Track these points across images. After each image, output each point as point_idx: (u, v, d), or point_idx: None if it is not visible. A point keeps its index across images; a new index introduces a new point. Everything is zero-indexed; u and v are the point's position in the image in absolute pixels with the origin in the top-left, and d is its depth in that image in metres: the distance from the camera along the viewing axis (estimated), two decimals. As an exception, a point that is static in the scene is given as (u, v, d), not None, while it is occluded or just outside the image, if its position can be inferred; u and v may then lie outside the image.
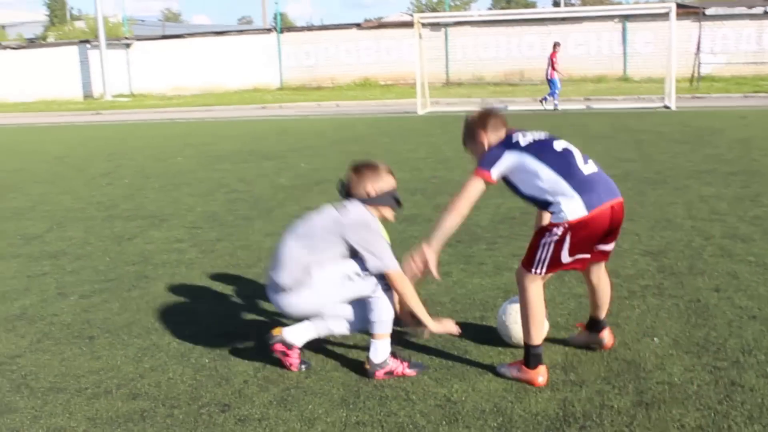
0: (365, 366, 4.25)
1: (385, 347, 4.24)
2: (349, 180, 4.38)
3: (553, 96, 23.23)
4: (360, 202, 4.30)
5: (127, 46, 40.85)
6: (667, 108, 21.56)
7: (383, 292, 4.21)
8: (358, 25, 38.76)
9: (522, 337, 4.25)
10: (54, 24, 79.47)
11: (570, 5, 64.72)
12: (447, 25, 36.51)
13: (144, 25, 64.32)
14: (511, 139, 4.20)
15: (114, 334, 5.09)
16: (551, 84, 23.19)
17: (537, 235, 4.06)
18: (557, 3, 64.46)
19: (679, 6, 28.20)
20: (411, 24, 26.33)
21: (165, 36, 43.58)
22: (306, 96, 33.76)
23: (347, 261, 4.20)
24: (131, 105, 34.10)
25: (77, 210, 9.52)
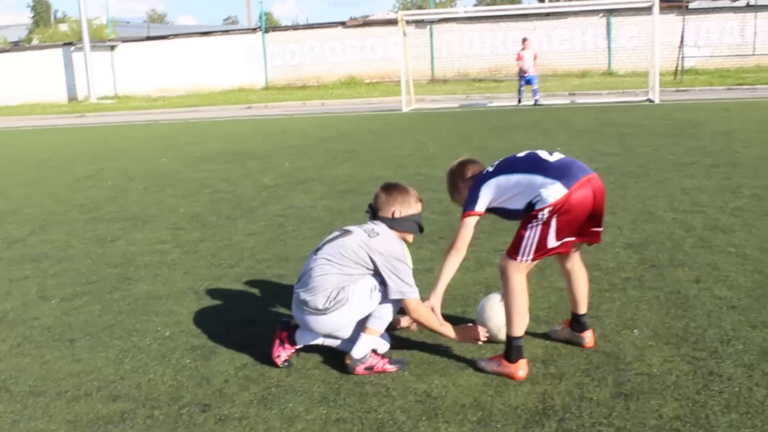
0: (346, 361, 4.26)
1: (369, 344, 4.25)
2: (378, 199, 4.49)
3: (520, 91, 23.25)
4: (385, 223, 4.40)
5: (112, 47, 40.67)
6: (651, 101, 21.62)
7: (399, 294, 4.29)
8: (343, 24, 38.71)
9: (501, 333, 4.28)
10: (38, 26, 79.10)
11: (554, 0, 64.79)
12: (432, 22, 36.48)
13: (129, 27, 64.03)
14: (482, 174, 4.37)
15: (95, 336, 5.07)
16: (532, 80, 23.05)
17: (522, 224, 4.11)
18: (542, -1, 64.44)
19: (663, 0, 28.30)
20: (396, 22, 26.30)
21: (150, 37, 43.41)
22: (291, 95, 33.72)
23: (373, 273, 4.26)
24: (116, 107, 33.98)
25: (60, 213, 9.48)
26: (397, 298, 4.24)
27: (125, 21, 67.95)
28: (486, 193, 4.23)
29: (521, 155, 4.32)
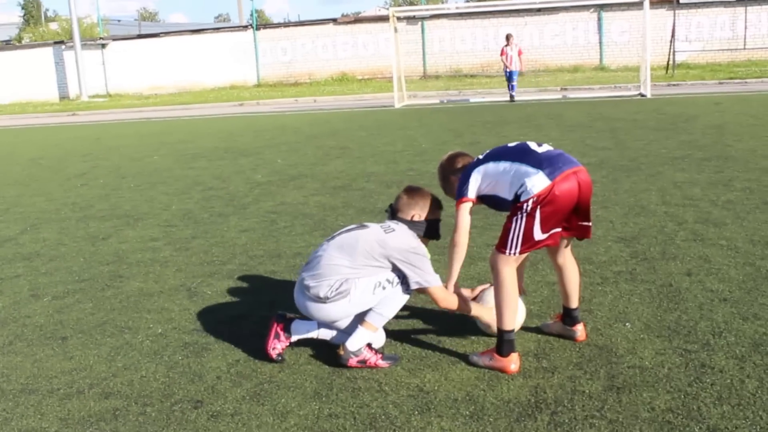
0: (339, 351, 4.25)
1: (365, 337, 4.25)
2: (399, 201, 4.50)
3: (513, 87, 23.25)
4: (405, 224, 4.42)
5: (103, 46, 40.55)
6: (643, 96, 21.65)
7: (402, 294, 4.30)
8: (334, 21, 38.66)
9: (494, 325, 4.28)
10: (29, 25, 78.84)
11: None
12: (423, 19, 36.48)
13: (120, 25, 63.87)
14: (472, 162, 4.42)
15: (87, 334, 5.06)
16: (513, 75, 23.06)
17: (508, 217, 4.13)
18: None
19: (653, -6, 28.37)
20: (387, 18, 26.30)
21: (141, 35, 43.29)
22: (283, 92, 33.67)
23: (382, 270, 4.26)
24: (107, 105, 33.89)
25: (51, 211, 9.46)
26: (420, 287, 4.28)
27: (116, 19, 67.77)
28: (475, 179, 4.27)
29: (511, 145, 4.36)
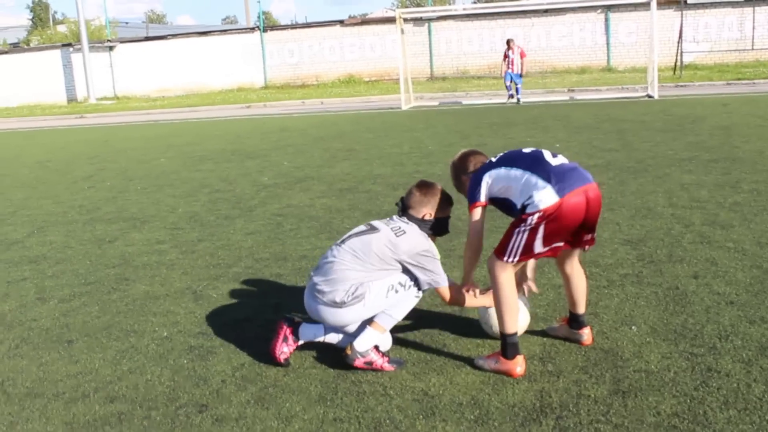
0: (346, 351, 4.23)
1: (373, 339, 4.25)
2: (412, 197, 4.44)
3: (515, 89, 23.08)
4: (415, 223, 4.38)
5: (111, 48, 40.64)
6: (650, 97, 21.60)
7: (414, 296, 4.32)
8: (341, 22, 38.68)
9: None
10: (37, 28, 79.13)
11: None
12: (430, 20, 36.46)
13: (128, 28, 64.00)
14: (484, 164, 4.33)
15: (93, 337, 5.06)
16: (515, 77, 22.97)
17: (512, 225, 4.07)
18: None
19: (661, -5, 28.30)
20: (394, 20, 26.29)
21: (148, 38, 43.38)
22: (290, 94, 33.70)
23: (394, 272, 4.27)
24: (115, 108, 33.97)
25: (58, 214, 9.48)
26: (430, 287, 4.32)
27: (124, 22, 67.95)
28: (487, 183, 4.20)
29: (526, 151, 4.27)
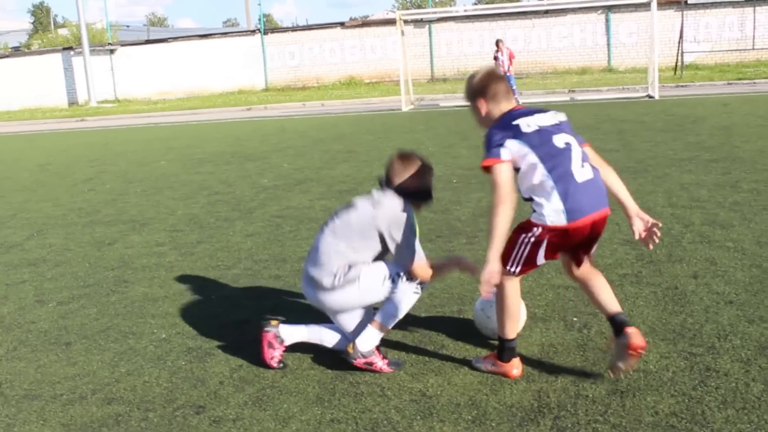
0: (347, 349, 4.20)
1: (375, 339, 4.23)
2: (392, 168, 4.34)
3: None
4: (396, 193, 4.28)
5: (112, 51, 40.68)
6: (651, 97, 21.58)
7: (413, 293, 4.27)
8: (342, 24, 38.71)
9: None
10: (38, 32, 79.28)
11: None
12: (431, 22, 36.49)
13: (129, 31, 64.16)
14: (513, 122, 3.85)
15: (91, 339, 5.06)
16: (509, 80, 22.77)
17: (516, 231, 3.89)
18: (541, -4, 64.46)
19: (661, -5, 28.30)
20: (395, 22, 26.30)
21: (149, 41, 43.43)
22: (291, 97, 33.71)
23: (389, 262, 4.25)
24: (116, 111, 33.98)
25: (58, 217, 9.48)
26: (401, 262, 4.20)
27: (125, 25, 68.10)
28: (510, 149, 3.78)
29: (558, 145, 3.81)
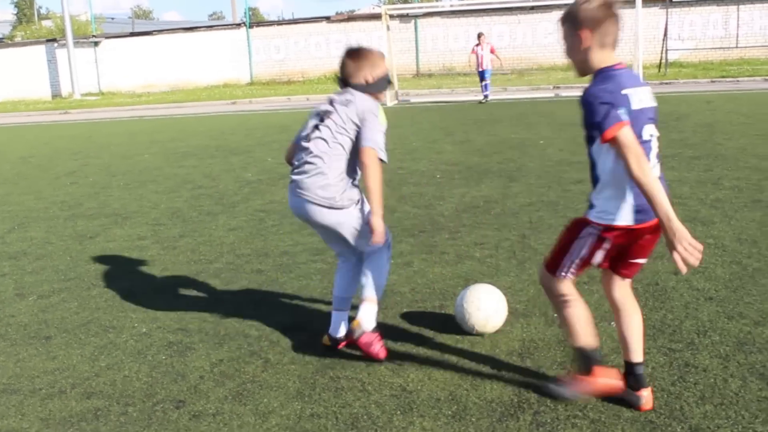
0: (353, 326, 4.18)
1: (374, 312, 4.25)
2: (347, 68, 4.36)
3: (486, 87, 22.44)
4: (359, 90, 4.31)
5: (96, 44, 40.41)
6: (635, 94, 21.61)
7: (386, 261, 4.35)
8: (327, 19, 38.61)
9: (479, 323, 4.29)
10: (22, 23, 78.73)
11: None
12: (417, 17, 36.47)
13: (114, 23, 63.88)
14: (623, 91, 3.25)
15: (71, 333, 5.03)
16: (485, 74, 22.24)
17: (569, 232, 3.49)
18: (527, -8, 64.57)
19: (646, -7, 28.38)
20: (381, 16, 26.26)
21: (133, 33, 43.18)
22: (276, 91, 33.62)
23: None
24: (100, 103, 33.78)
25: (40, 210, 9.42)
26: (365, 145, 4.10)
27: (110, 17, 67.72)
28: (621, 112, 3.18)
29: (644, 136, 3.32)
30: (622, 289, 3.62)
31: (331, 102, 4.34)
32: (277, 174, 10.98)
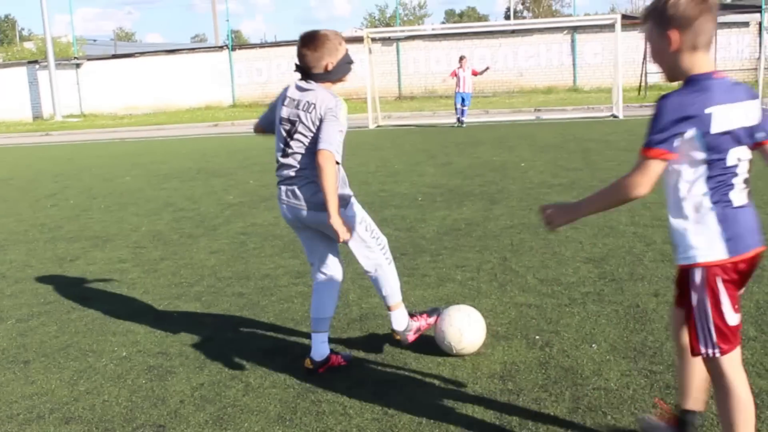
0: (395, 338, 4.53)
1: (404, 313, 4.53)
2: (306, 58, 4.24)
3: (459, 111, 22.01)
4: (320, 80, 4.25)
5: (78, 66, 40.35)
6: (615, 117, 21.83)
7: (393, 269, 4.50)
8: (309, 41, 38.68)
9: (455, 340, 4.34)
10: (3, 45, 78.46)
11: (521, 18, 65.52)
12: (399, 40, 36.67)
13: (96, 45, 63.70)
14: (706, 110, 2.74)
15: (50, 357, 4.99)
16: (466, 98, 21.91)
17: (685, 296, 2.96)
18: (508, 16, 65.16)
19: (625, 17, 28.71)
20: (363, 39, 26.38)
21: (116, 55, 43.16)
22: (258, 113, 33.25)
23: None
24: (82, 125, 33.65)
25: (20, 233, 9.35)
26: (321, 148, 4.08)
27: (92, 39, 67.56)
28: (683, 142, 2.78)
29: (731, 162, 2.80)
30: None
31: (297, 105, 4.27)
32: (259, 197, 10.96)
